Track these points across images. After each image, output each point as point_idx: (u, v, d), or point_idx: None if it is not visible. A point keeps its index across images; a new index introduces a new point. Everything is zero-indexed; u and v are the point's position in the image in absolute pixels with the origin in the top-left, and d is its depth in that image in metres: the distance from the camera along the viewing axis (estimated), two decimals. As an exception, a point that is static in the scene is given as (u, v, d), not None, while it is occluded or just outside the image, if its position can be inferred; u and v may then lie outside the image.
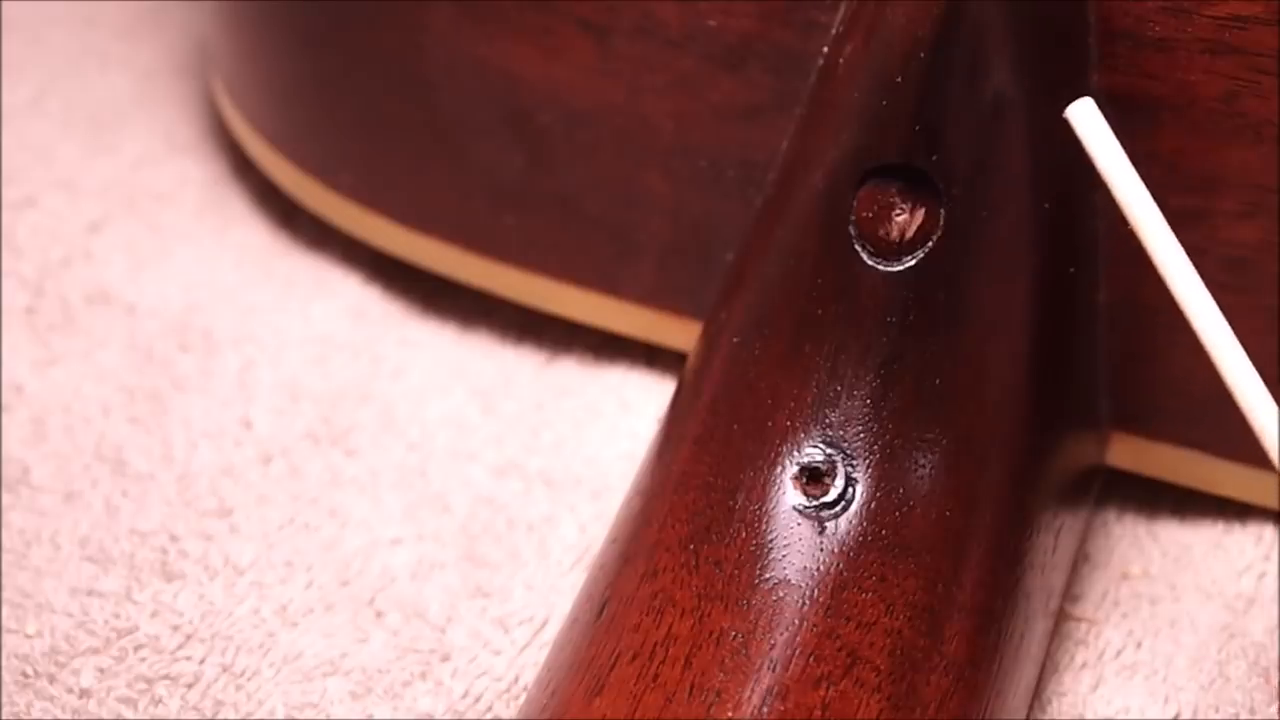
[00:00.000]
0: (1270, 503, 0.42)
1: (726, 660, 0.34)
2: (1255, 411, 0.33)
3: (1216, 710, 0.40)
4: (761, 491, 0.36)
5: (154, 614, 0.41)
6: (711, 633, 0.34)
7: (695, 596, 0.35)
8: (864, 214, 0.36)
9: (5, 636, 0.40)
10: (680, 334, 0.44)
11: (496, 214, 0.45)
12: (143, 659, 0.40)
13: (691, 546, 0.36)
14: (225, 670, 0.40)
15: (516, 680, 0.40)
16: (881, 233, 0.36)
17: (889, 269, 0.36)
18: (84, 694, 0.39)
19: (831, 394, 0.36)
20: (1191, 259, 0.39)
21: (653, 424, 0.44)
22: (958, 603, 0.36)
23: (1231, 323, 0.40)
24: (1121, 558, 0.42)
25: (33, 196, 0.50)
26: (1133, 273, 0.40)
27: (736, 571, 0.35)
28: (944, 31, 0.35)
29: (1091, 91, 0.38)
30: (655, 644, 0.34)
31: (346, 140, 0.46)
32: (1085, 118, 0.35)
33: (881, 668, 0.34)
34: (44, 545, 0.42)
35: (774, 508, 0.36)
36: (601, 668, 0.34)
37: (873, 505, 0.36)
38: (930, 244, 0.36)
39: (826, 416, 0.36)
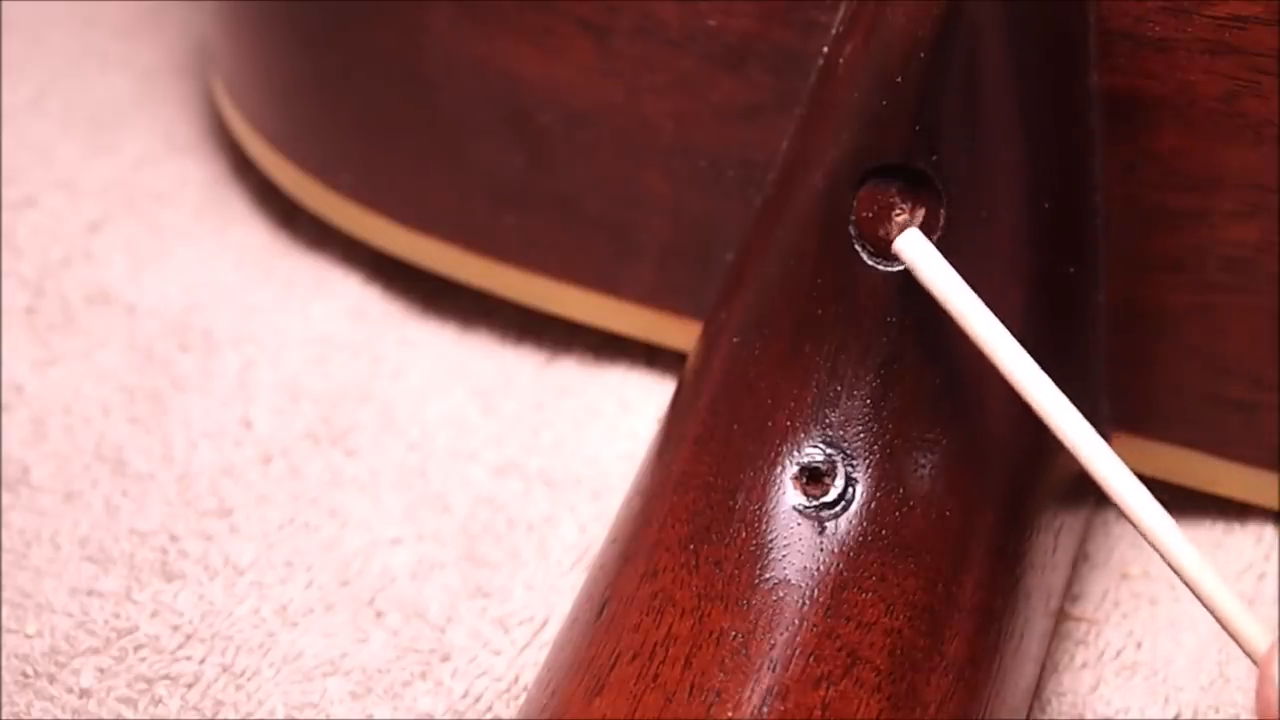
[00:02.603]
0: (1270, 503, 0.42)
1: (726, 660, 0.34)
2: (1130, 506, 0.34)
3: (1216, 710, 0.40)
4: (761, 491, 0.36)
5: (154, 614, 0.41)
6: (711, 633, 0.34)
7: (695, 596, 0.35)
8: (864, 214, 0.36)
9: (5, 636, 0.40)
10: (680, 334, 0.44)
11: (496, 214, 0.45)
12: (143, 659, 0.40)
13: (691, 546, 0.36)
14: (225, 670, 0.40)
15: (516, 680, 0.40)
16: (881, 233, 0.36)
17: (889, 269, 0.36)
18: (84, 694, 0.39)
19: (831, 394, 0.36)
20: (1191, 259, 0.39)
21: (653, 424, 0.44)
22: (958, 603, 0.36)
23: (1231, 323, 0.40)
24: (1121, 558, 0.42)
25: (33, 196, 0.50)
26: (1133, 274, 0.40)
27: (736, 571, 0.35)
28: (944, 31, 0.35)
29: (1091, 91, 0.38)
30: (655, 644, 0.34)
31: (346, 140, 0.46)
32: (913, 247, 0.35)
33: (881, 668, 0.34)
34: (44, 545, 0.42)
35: (774, 508, 0.36)
36: (601, 668, 0.34)
37: (873, 505, 0.36)
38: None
39: (826, 416, 0.36)
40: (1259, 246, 0.39)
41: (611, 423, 0.45)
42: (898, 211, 0.36)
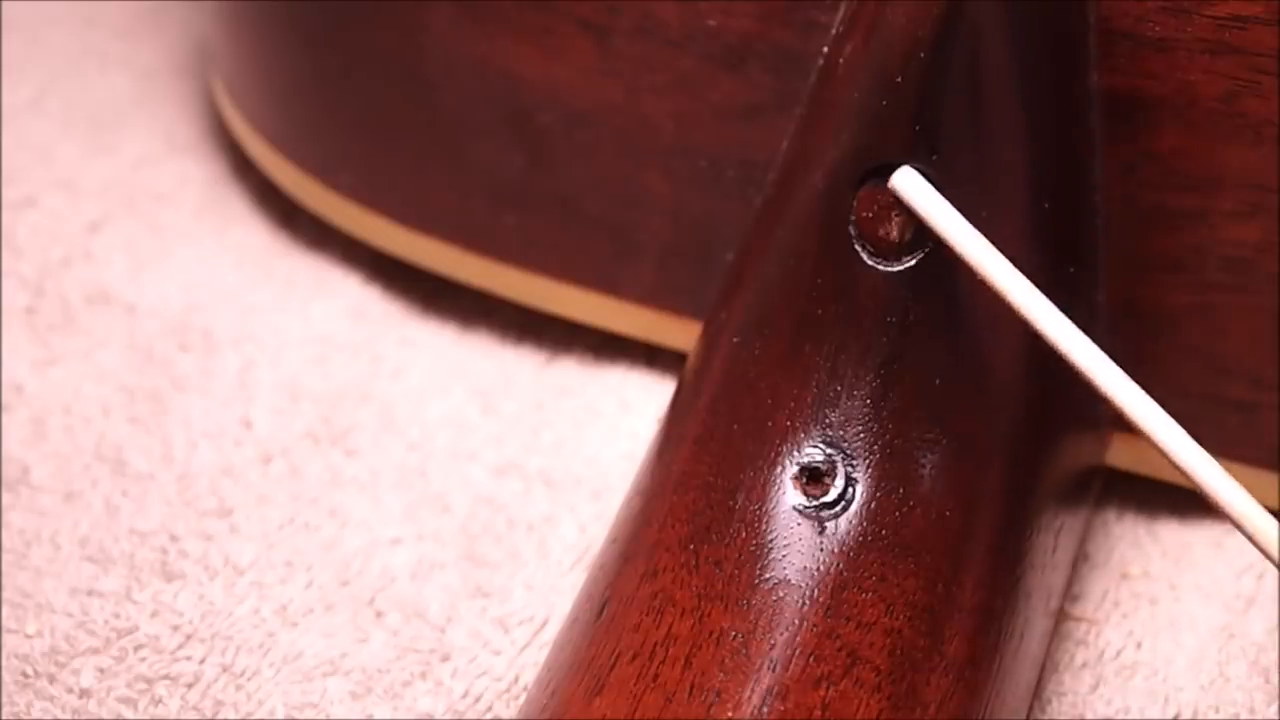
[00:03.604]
0: (1270, 503, 0.42)
1: (726, 660, 0.34)
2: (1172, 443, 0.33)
3: (1216, 710, 0.40)
4: (761, 491, 0.36)
5: (154, 614, 0.41)
6: (711, 633, 0.34)
7: (695, 596, 0.35)
8: (864, 214, 0.36)
9: (5, 636, 0.40)
10: (680, 334, 0.44)
11: (496, 214, 0.45)
12: (143, 659, 0.40)
13: (691, 546, 0.36)
14: (225, 670, 0.40)
15: (516, 680, 0.40)
16: (881, 233, 0.36)
17: (889, 269, 0.36)
18: (84, 694, 0.39)
19: (831, 394, 0.36)
20: (1191, 259, 0.39)
21: (653, 424, 0.44)
22: (958, 603, 0.36)
23: (1231, 323, 0.40)
24: (1121, 558, 0.42)
25: (33, 196, 0.50)
26: (1133, 274, 0.40)
27: (736, 571, 0.35)
28: (944, 31, 0.35)
29: (1091, 91, 0.38)
30: (655, 644, 0.34)
31: (346, 140, 0.46)
32: (909, 184, 0.35)
33: (881, 668, 0.34)
34: (44, 545, 0.42)
35: (774, 508, 0.36)
36: (601, 668, 0.34)
37: (873, 505, 0.36)
38: (930, 244, 0.36)
39: (826, 416, 0.36)
40: (1259, 246, 0.39)
41: (611, 423, 0.45)
42: (897, 211, 0.36)
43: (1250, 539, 0.32)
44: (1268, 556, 0.32)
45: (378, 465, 0.44)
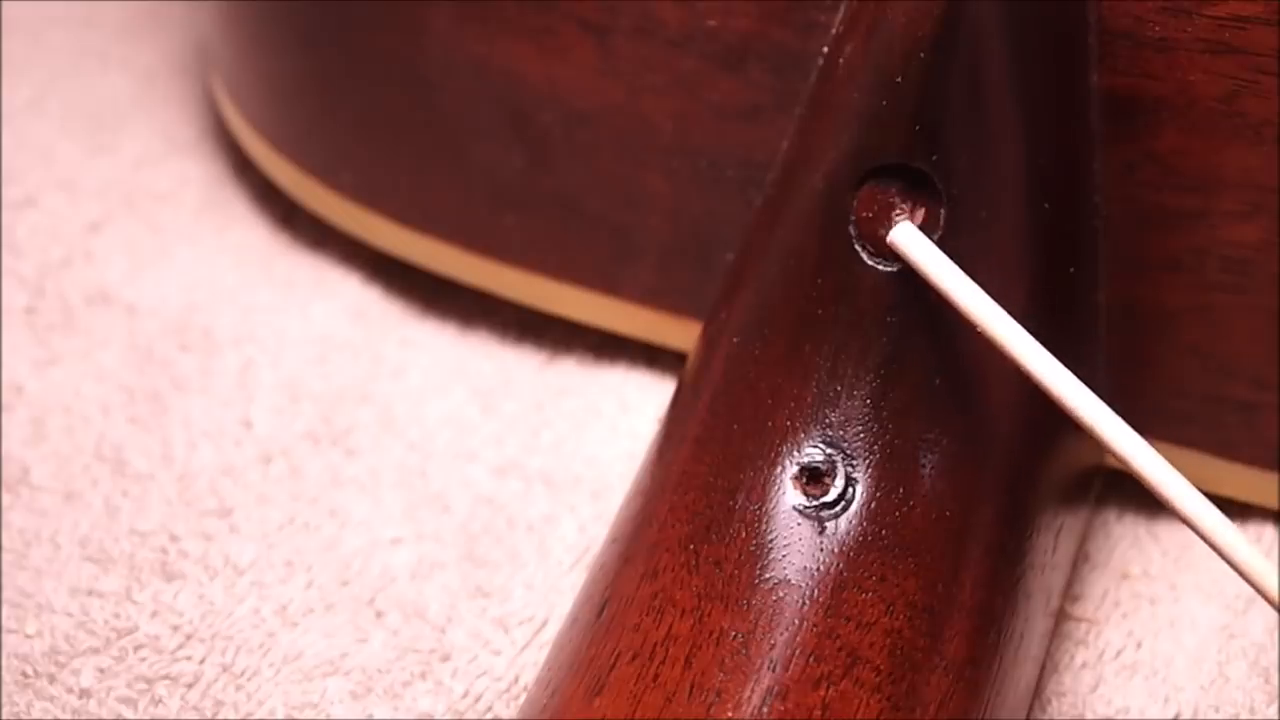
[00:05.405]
0: (1270, 503, 0.42)
1: (726, 660, 0.34)
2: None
3: (1216, 710, 0.40)
4: (761, 491, 0.36)
5: (154, 614, 0.41)
6: (711, 633, 0.34)
7: (695, 596, 0.35)
8: (864, 214, 0.36)
9: (5, 636, 0.40)
10: (680, 334, 0.44)
11: (496, 214, 0.45)
12: (143, 659, 0.40)
13: (691, 546, 0.36)
14: (225, 670, 0.40)
15: (516, 680, 0.40)
16: (881, 233, 0.36)
17: (889, 269, 0.36)
18: (84, 694, 0.39)
19: (831, 394, 0.36)
20: (1191, 259, 0.39)
21: (653, 424, 0.44)
22: (958, 603, 0.36)
23: (1231, 323, 0.40)
24: (1121, 558, 0.42)
25: (33, 196, 0.50)
26: (1133, 274, 0.40)
27: (736, 571, 0.35)
28: (944, 31, 0.35)
29: (1091, 91, 0.38)
30: (655, 644, 0.34)
31: (346, 140, 0.46)
32: (909, 240, 0.35)
33: (881, 668, 0.34)
34: (44, 545, 0.42)
35: (774, 508, 0.36)
36: (601, 668, 0.34)
37: (873, 505, 0.36)
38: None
39: (826, 416, 0.36)
40: (1259, 246, 0.39)
41: (611, 423, 0.45)
42: (898, 212, 0.36)
43: (1250, 582, 0.32)
44: (1268, 600, 0.32)
45: (378, 465, 0.44)
